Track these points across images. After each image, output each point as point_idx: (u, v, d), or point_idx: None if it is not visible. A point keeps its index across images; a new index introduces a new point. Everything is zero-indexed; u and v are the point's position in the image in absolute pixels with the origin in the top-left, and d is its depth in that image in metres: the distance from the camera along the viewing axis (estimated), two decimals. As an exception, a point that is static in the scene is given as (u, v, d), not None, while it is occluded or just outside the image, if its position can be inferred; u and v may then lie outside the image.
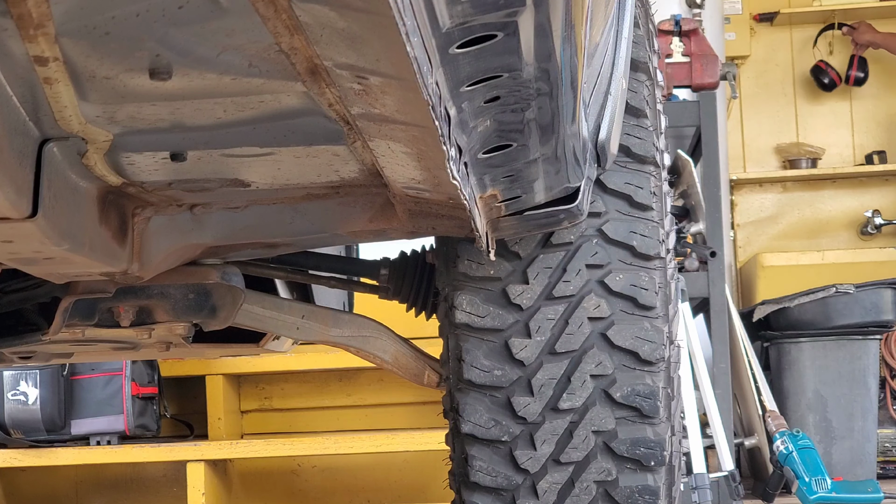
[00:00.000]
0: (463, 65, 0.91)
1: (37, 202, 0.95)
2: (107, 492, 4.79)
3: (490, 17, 0.84)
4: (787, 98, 7.41)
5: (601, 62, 1.41)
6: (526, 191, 1.29)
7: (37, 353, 2.00)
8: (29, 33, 0.78)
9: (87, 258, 1.11)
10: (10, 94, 0.88)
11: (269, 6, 0.77)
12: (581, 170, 1.34)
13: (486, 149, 1.10)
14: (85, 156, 1.04)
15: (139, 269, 1.28)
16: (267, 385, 4.77)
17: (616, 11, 1.58)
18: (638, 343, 1.70)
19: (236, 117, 0.98)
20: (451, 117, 0.97)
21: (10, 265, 1.12)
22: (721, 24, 6.48)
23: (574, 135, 1.21)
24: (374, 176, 1.17)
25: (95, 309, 1.60)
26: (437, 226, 1.34)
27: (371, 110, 0.93)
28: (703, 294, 4.50)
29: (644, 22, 2.07)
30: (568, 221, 1.43)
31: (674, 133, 4.77)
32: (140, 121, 0.97)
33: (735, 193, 6.99)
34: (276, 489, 4.69)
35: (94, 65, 0.85)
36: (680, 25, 4.74)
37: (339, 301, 2.72)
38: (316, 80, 0.88)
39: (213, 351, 2.55)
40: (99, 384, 4.35)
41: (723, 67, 4.81)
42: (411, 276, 2.02)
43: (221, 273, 1.60)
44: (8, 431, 4.30)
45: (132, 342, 1.84)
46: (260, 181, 1.19)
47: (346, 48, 0.81)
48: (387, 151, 1.04)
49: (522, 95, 1.00)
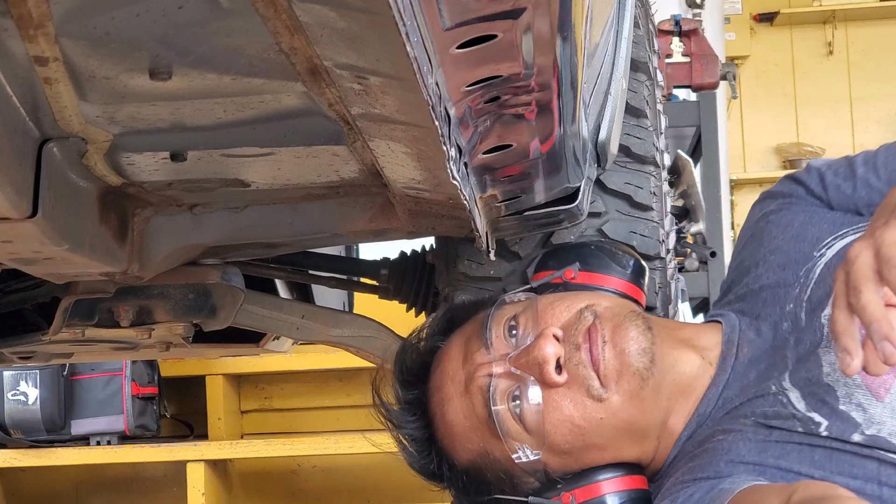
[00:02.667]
0: (463, 65, 0.91)
1: (37, 202, 0.95)
2: (107, 492, 4.79)
3: (490, 17, 0.84)
4: (787, 98, 7.41)
5: (601, 62, 1.41)
6: (526, 191, 1.29)
7: (37, 353, 2.00)
8: (29, 33, 0.78)
9: (87, 258, 1.11)
10: (10, 94, 0.88)
11: (269, 6, 0.77)
12: (581, 170, 1.34)
13: (486, 149, 1.11)
14: (85, 156, 1.04)
15: (139, 269, 1.28)
16: (267, 385, 4.77)
17: (616, 11, 1.58)
18: (638, 343, 1.69)
19: (236, 117, 0.98)
20: (451, 117, 0.97)
21: (10, 265, 1.12)
22: (721, 24, 6.48)
23: (574, 135, 1.21)
24: (374, 176, 1.17)
25: (95, 309, 1.60)
26: (437, 226, 1.34)
27: (371, 110, 0.93)
28: (703, 294, 4.50)
29: (644, 22, 2.06)
30: (568, 221, 1.43)
31: (674, 133, 4.77)
32: (140, 121, 0.97)
33: (735, 193, 6.99)
34: (276, 489, 4.69)
35: (94, 65, 0.85)
36: (680, 25, 4.73)
37: (339, 301, 2.72)
38: (316, 80, 0.88)
39: (213, 351, 2.55)
40: (99, 384, 4.35)
41: (723, 67, 4.81)
42: (411, 276, 2.02)
43: (221, 273, 1.60)
44: (8, 431, 4.30)
45: (132, 342, 1.84)
46: (260, 181, 1.19)
47: (346, 48, 0.81)
48: (387, 151, 1.04)
49: (522, 96, 1.00)
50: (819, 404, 1.38)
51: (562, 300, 1.46)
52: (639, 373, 1.39)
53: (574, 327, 1.41)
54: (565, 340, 1.40)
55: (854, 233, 1.45)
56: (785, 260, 1.49)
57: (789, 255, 1.49)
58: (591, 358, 1.38)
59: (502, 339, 1.43)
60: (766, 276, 1.51)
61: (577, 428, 1.40)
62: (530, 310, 1.44)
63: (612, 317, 1.42)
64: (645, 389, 1.40)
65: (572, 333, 1.40)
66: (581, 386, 1.39)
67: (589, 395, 1.39)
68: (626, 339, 1.40)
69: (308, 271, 2.17)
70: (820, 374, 1.38)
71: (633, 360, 1.39)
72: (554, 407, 1.39)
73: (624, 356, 1.39)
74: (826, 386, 1.38)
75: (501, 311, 1.46)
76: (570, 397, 1.39)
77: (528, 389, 1.39)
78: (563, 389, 1.39)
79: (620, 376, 1.39)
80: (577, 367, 1.39)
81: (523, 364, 1.40)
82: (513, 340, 1.43)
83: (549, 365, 1.38)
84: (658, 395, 1.42)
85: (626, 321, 1.42)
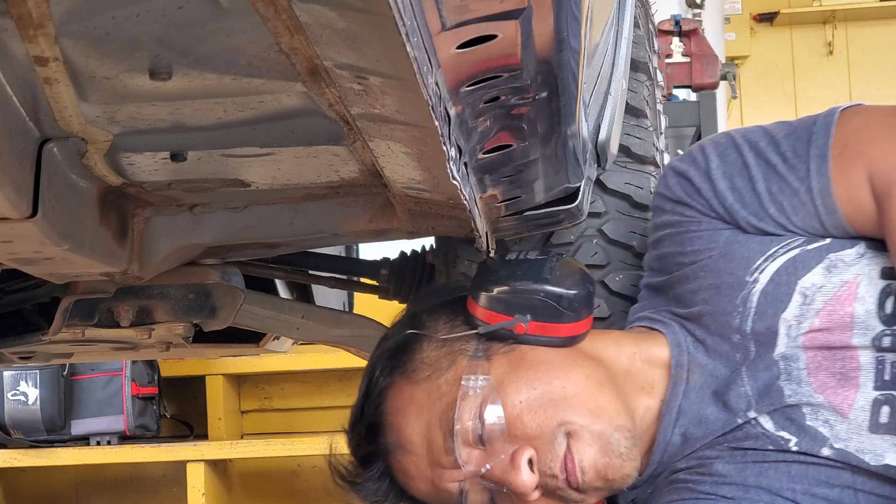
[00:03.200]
0: (463, 65, 0.91)
1: (37, 202, 0.95)
2: (107, 492, 4.79)
3: (490, 17, 0.84)
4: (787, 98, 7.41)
5: (601, 62, 1.41)
6: (526, 191, 1.29)
7: (37, 353, 2.00)
8: (29, 33, 0.78)
9: (87, 258, 1.11)
10: (10, 94, 0.88)
11: (269, 6, 0.77)
12: (581, 170, 1.34)
13: (486, 149, 1.11)
14: (85, 156, 1.04)
15: (139, 269, 1.28)
16: (267, 385, 4.77)
17: (616, 11, 1.58)
18: (638, 343, 1.69)
19: (236, 117, 0.98)
20: (451, 117, 0.97)
21: (10, 265, 1.12)
22: (721, 24, 6.48)
23: (574, 135, 1.21)
24: (374, 176, 1.17)
25: (95, 309, 1.60)
26: (437, 226, 1.34)
27: (371, 110, 0.93)
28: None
29: (644, 22, 2.07)
30: (568, 221, 1.43)
31: (674, 133, 4.77)
32: (140, 121, 0.97)
33: (735, 193, 6.99)
34: (276, 489, 4.69)
35: (94, 65, 0.85)
36: (680, 25, 4.73)
37: (339, 301, 2.72)
38: (316, 80, 0.88)
39: (213, 351, 2.55)
40: (99, 384, 4.35)
41: (723, 67, 4.81)
42: (411, 277, 2.02)
43: (221, 273, 1.60)
44: (8, 431, 4.30)
45: (132, 342, 1.84)
46: (260, 181, 1.19)
47: (346, 48, 0.81)
48: (387, 151, 1.04)
49: (522, 96, 1.00)
50: (787, 423, 1.40)
51: (530, 411, 1.38)
52: (623, 480, 1.38)
53: (549, 451, 1.36)
54: (540, 467, 1.36)
55: (785, 251, 1.41)
56: (717, 281, 1.43)
57: (721, 277, 1.43)
58: (570, 485, 1.36)
59: (469, 447, 1.38)
60: (702, 296, 1.45)
61: None
62: (497, 402, 1.38)
63: (590, 439, 1.37)
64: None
65: (547, 459, 1.36)
66: (558, 500, 1.38)
67: (564, 501, 1.38)
68: (610, 470, 1.37)
69: (308, 271, 2.17)
70: (783, 399, 1.40)
71: (616, 486, 1.39)
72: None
73: (607, 480, 1.37)
74: (792, 406, 1.40)
75: (466, 402, 1.38)
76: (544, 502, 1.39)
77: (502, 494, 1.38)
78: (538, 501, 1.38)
79: (602, 483, 1.38)
80: (554, 491, 1.37)
81: (496, 477, 1.37)
82: (480, 442, 1.37)
83: (528, 497, 1.36)
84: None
85: (608, 446, 1.37)
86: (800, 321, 1.39)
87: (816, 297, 1.39)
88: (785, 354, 1.40)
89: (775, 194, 1.41)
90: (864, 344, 1.38)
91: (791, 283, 1.40)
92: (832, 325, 1.39)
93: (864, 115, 1.41)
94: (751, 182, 1.43)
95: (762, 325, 1.41)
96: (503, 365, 1.41)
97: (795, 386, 1.39)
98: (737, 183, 1.43)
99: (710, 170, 1.46)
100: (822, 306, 1.39)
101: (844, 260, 1.40)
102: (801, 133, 1.42)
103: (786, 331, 1.40)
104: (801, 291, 1.40)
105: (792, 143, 1.42)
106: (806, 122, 1.43)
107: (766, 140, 1.44)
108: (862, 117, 1.41)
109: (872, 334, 1.38)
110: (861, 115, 1.41)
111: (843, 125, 1.39)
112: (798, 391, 1.39)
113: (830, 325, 1.39)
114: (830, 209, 1.38)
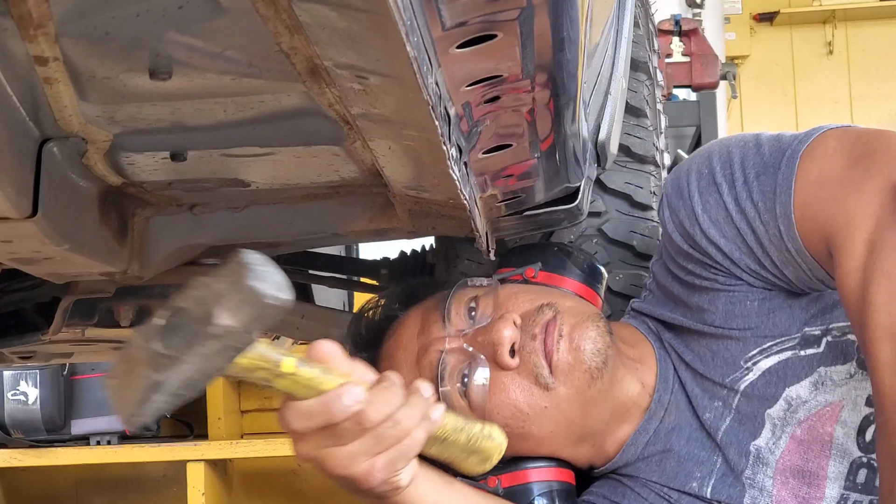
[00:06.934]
0: (463, 65, 0.91)
1: (37, 202, 0.95)
2: (107, 492, 4.79)
3: (490, 17, 0.84)
4: (787, 98, 7.42)
5: (601, 62, 1.41)
6: (526, 191, 1.29)
7: (37, 353, 2.00)
8: (29, 33, 0.78)
9: (87, 258, 1.11)
10: (10, 93, 0.88)
11: (269, 6, 0.77)
12: (581, 170, 1.35)
13: (486, 149, 1.11)
14: (85, 156, 1.04)
15: (139, 269, 1.28)
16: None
17: (616, 11, 1.58)
18: (638, 343, 1.69)
19: (236, 117, 0.98)
20: (451, 117, 0.97)
21: (10, 265, 1.12)
22: (721, 24, 6.49)
23: (574, 135, 1.21)
24: (374, 176, 1.17)
25: (95, 309, 1.60)
26: (437, 226, 1.34)
27: (371, 110, 0.93)
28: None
29: (644, 22, 2.07)
30: (568, 221, 1.43)
31: (674, 133, 4.78)
32: (140, 121, 0.98)
33: (735, 193, 6.99)
34: (276, 489, 4.69)
35: (94, 65, 0.86)
36: (680, 25, 4.74)
37: (339, 301, 2.72)
38: (316, 80, 0.88)
39: (213, 351, 2.54)
40: (99, 384, 4.35)
41: (723, 67, 4.82)
42: (411, 276, 2.02)
43: (221, 273, 1.60)
44: (8, 431, 4.30)
45: (132, 342, 1.84)
46: (260, 181, 1.19)
47: (346, 48, 0.81)
48: (387, 151, 1.04)
49: (522, 95, 1.01)
50: None
51: (526, 292, 1.46)
52: (590, 371, 1.39)
53: (533, 318, 1.41)
54: (523, 329, 1.40)
55: (779, 349, 1.40)
56: (715, 347, 1.44)
57: (718, 341, 1.43)
58: (545, 349, 1.38)
59: (461, 316, 1.44)
60: (699, 352, 1.46)
61: (520, 413, 1.39)
62: (492, 294, 1.45)
63: (573, 315, 1.42)
64: (592, 389, 1.40)
65: (530, 323, 1.40)
66: (531, 373, 1.39)
67: (537, 382, 1.38)
68: (583, 337, 1.40)
69: (308, 271, 2.17)
70: (741, 501, 1.42)
71: (586, 358, 1.39)
72: (501, 388, 1.39)
73: (578, 352, 1.39)
74: None
75: (463, 292, 1.46)
76: (518, 382, 1.39)
77: (477, 367, 1.40)
78: (512, 373, 1.39)
79: (571, 370, 1.39)
80: (529, 354, 1.39)
81: (478, 343, 1.40)
82: (471, 321, 1.43)
83: (503, 347, 1.38)
84: (603, 401, 1.42)
85: (587, 320, 1.42)
86: (784, 423, 1.41)
87: (800, 409, 1.40)
88: (760, 448, 1.42)
89: (761, 238, 1.35)
90: (836, 474, 1.39)
91: (779, 387, 1.41)
92: (811, 439, 1.40)
93: (822, 165, 1.29)
94: (737, 230, 1.37)
95: (740, 428, 1.43)
96: (506, 287, 1.49)
97: (756, 493, 1.41)
98: (726, 232, 1.38)
99: (697, 215, 1.40)
100: (804, 417, 1.40)
101: (833, 378, 1.40)
102: (767, 179, 1.33)
103: (770, 427, 1.42)
104: (787, 398, 1.41)
105: (761, 190, 1.34)
106: (774, 160, 1.34)
107: (741, 180, 1.36)
108: (819, 168, 1.29)
109: (850, 459, 1.39)
110: (819, 162, 1.30)
111: (803, 178, 1.30)
112: (756, 498, 1.41)
113: (810, 439, 1.40)
114: (811, 266, 1.32)
